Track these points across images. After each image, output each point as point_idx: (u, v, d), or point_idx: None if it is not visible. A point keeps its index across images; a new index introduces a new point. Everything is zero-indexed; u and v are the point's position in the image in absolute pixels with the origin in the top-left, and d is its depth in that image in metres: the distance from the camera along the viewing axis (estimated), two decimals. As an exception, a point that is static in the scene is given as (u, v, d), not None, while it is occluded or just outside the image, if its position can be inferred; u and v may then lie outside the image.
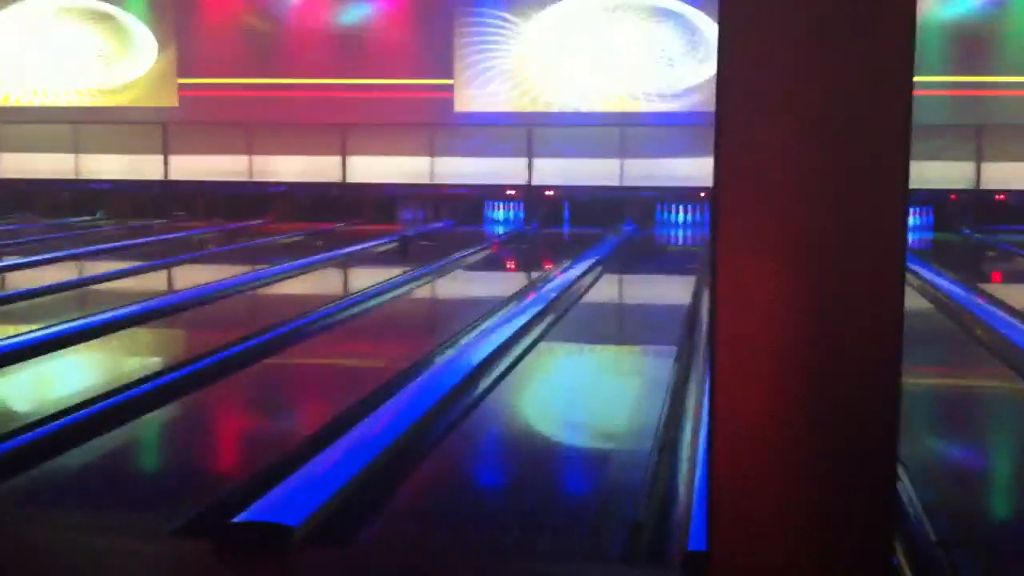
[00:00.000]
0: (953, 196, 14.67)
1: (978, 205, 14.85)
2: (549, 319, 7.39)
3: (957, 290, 8.58)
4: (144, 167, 16.59)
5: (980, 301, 8.04)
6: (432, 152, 15.95)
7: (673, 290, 9.68)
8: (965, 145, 14.64)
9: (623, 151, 15.54)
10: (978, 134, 14.74)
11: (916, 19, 1.86)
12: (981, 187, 14.90)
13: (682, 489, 3.86)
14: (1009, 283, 10.63)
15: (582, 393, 5.87)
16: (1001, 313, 7.44)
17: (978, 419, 5.45)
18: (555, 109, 15.83)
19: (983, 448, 4.96)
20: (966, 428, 5.18)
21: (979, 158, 14.88)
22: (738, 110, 1.80)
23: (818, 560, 1.81)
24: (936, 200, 14.35)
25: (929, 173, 13.61)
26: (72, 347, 6.36)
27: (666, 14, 15.61)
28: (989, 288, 9.34)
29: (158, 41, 16.71)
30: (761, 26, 1.80)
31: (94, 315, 7.21)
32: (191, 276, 10.31)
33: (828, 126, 1.78)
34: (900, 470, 3.71)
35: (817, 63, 1.79)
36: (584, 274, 9.68)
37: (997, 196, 14.89)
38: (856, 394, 1.84)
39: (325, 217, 15.39)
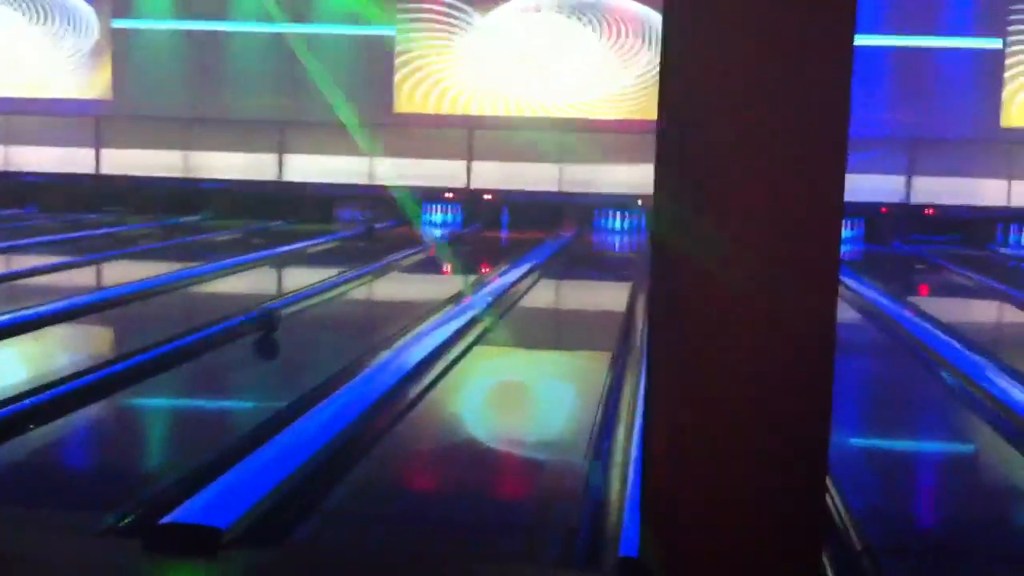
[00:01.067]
0: (884, 209, 14.94)
1: (908, 218, 15.14)
2: (485, 323, 7.39)
3: (886, 301, 8.74)
4: (76, 160, 16.30)
5: (907, 313, 8.20)
6: (371, 152, 15.87)
7: (609, 296, 9.73)
8: (897, 159, 14.93)
9: (562, 156, 15.60)
10: (910, 148, 15.04)
11: (854, 32, 1.89)
12: (911, 201, 15.20)
13: (615, 495, 3.88)
14: (936, 296, 10.85)
15: (517, 398, 5.87)
16: (928, 324, 7.59)
17: (904, 426, 5.55)
18: (496, 112, 15.85)
19: (909, 455, 5.06)
20: (892, 435, 5.28)
21: (910, 172, 15.18)
22: (679, 118, 1.82)
23: (751, 564, 1.83)
24: (867, 212, 14.60)
25: (861, 185, 13.85)
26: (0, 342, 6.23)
27: (612, 20, 15.70)
28: (917, 300, 9.53)
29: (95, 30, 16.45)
30: (704, 36, 1.82)
31: (22, 310, 7.06)
32: (124, 272, 10.14)
33: (767, 135, 1.81)
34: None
35: (758, 74, 1.81)
36: (521, 279, 9.69)
37: (926, 210, 15.20)
38: (789, 400, 1.86)
39: (262, 215, 15.24)
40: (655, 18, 15.54)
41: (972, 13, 15.16)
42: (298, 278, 10.28)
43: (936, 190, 15.14)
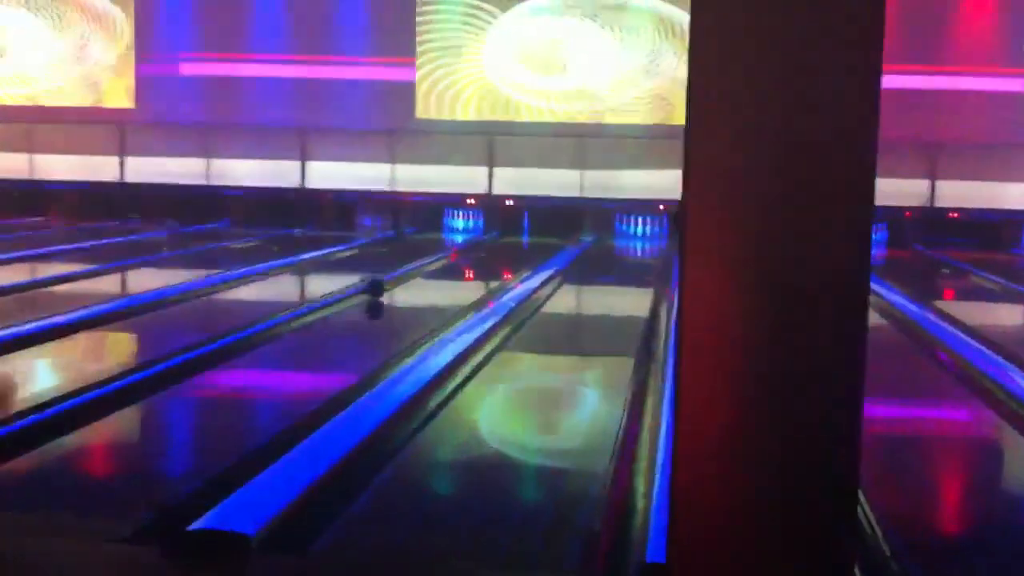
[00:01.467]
0: (907, 213, 14.87)
1: (931, 222, 15.06)
2: (507, 329, 7.39)
3: (910, 305, 8.68)
4: (100, 168, 16.40)
5: (932, 317, 8.15)
6: (393, 159, 15.91)
7: (631, 302, 9.71)
8: (920, 163, 14.86)
9: (583, 162, 15.59)
10: (933, 152, 14.96)
11: (884, 40, 1.88)
12: (935, 204, 15.12)
13: (640, 501, 3.87)
14: (960, 299, 10.77)
15: (540, 403, 5.87)
16: (952, 329, 7.54)
17: (932, 432, 5.51)
18: (517, 118, 15.86)
19: (936, 461, 5.02)
20: (920, 441, 5.24)
21: (933, 176, 15.09)
22: (708, 124, 1.81)
23: (781, 571, 1.82)
24: (890, 216, 14.54)
25: (884, 189, 13.75)
26: (22, 351, 6.26)
27: (636, 25, 15.70)
28: (940, 304, 9.47)
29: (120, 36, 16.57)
30: (732, 40, 1.81)
31: (46, 318, 7.10)
32: (145, 280, 10.19)
33: (798, 141, 1.80)
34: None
35: (788, 79, 1.81)
36: (543, 285, 9.69)
37: (950, 214, 15.11)
38: (820, 406, 1.85)
39: (282, 222, 15.29)
40: (679, 17, 15.52)
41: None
42: (317, 286, 10.30)
43: (960, 194, 15.05)
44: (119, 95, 16.65)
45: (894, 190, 14.16)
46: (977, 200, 14.98)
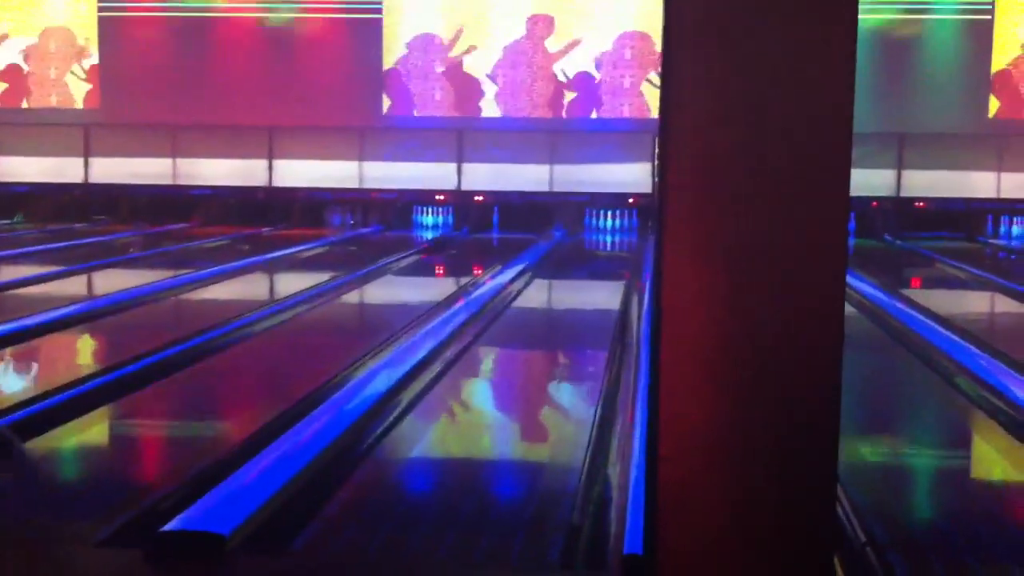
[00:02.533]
0: (875, 203, 14.97)
1: (899, 212, 15.18)
2: (479, 325, 7.37)
3: (879, 295, 8.75)
4: (65, 170, 16.23)
5: (900, 305, 8.21)
6: (361, 156, 15.84)
7: (603, 295, 9.72)
8: (887, 153, 14.96)
9: (553, 156, 15.59)
10: (900, 142, 15.06)
11: (858, 28, 1.88)
12: (901, 194, 15.23)
13: (616, 493, 3.87)
14: (928, 288, 10.86)
15: (514, 398, 5.86)
16: (921, 317, 7.60)
17: (904, 420, 5.55)
18: (485, 114, 15.85)
19: (909, 449, 5.06)
20: (893, 429, 5.28)
21: (900, 166, 15.20)
22: (684, 115, 1.81)
23: (763, 560, 1.82)
24: (858, 207, 14.63)
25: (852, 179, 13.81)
26: (-9, 353, 6.19)
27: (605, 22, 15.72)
28: (909, 292, 9.54)
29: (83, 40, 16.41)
30: (707, 32, 1.81)
31: (12, 320, 7.02)
32: (114, 281, 10.10)
33: (774, 131, 1.80)
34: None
35: (762, 69, 1.80)
36: (514, 279, 9.68)
37: (917, 203, 15.23)
38: (798, 395, 1.85)
39: (251, 221, 15.20)
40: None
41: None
42: (288, 284, 10.25)
43: (926, 183, 15.16)
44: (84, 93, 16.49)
45: (861, 180, 14.25)
46: (944, 189, 15.11)
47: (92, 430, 4.89)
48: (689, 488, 1.82)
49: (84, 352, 6.98)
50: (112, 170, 16.21)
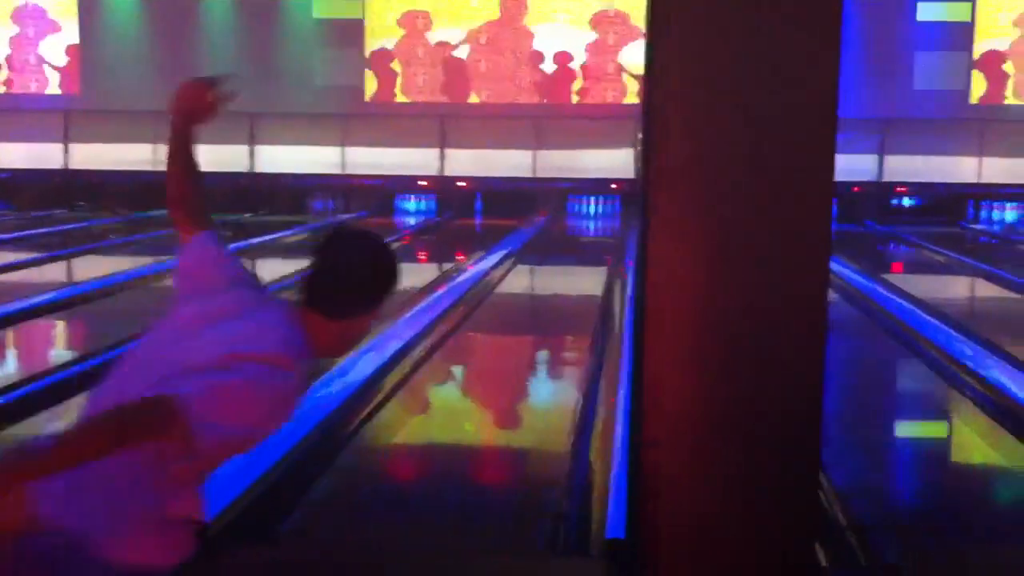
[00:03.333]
0: (856, 188, 15.00)
1: (880, 197, 15.22)
2: (462, 310, 7.37)
3: (860, 279, 8.78)
4: (46, 155, 16.12)
5: (882, 289, 8.24)
6: (343, 142, 15.78)
7: (586, 281, 9.72)
8: (869, 138, 14.99)
9: (537, 143, 15.56)
10: (882, 128, 15.10)
11: (842, 17, 1.88)
12: (884, 179, 15.26)
13: (598, 478, 3.87)
14: (908, 272, 10.91)
15: (498, 385, 5.86)
16: (902, 301, 7.64)
17: (886, 404, 5.58)
18: (469, 100, 15.81)
19: (890, 432, 5.08)
20: (875, 413, 5.30)
21: (882, 151, 15.24)
22: (670, 102, 1.81)
23: (746, 543, 1.83)
24: (840, 192, 14.64)
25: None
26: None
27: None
28: (890, 277, 9.58)
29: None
30: (693, 18, 1.80)
31: (-6, 307, 6.98)
32: (94, 267, 10.04)
33: (759, 118, 1.80)
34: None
35: (748, 56, 1.80)
36: (496, 265, 9.67)
37: (898, 188, 15.28)
38: (782, 379, 1.86)
39: (233, 207, 15.11)
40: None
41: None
42: (272, 269, 10.21)
43: (908, 168, 15.20)
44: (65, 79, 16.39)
45: (843, 166, 14.26)
46: (926, 174, 15.15)
47: (70, 418, 4.87)
48: (672, 472, 1.83)
49: (64, 339, 6.94)
50: (93, 156, 16.10)
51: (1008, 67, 15.33)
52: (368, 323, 2.15)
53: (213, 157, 13.89)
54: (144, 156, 16.01)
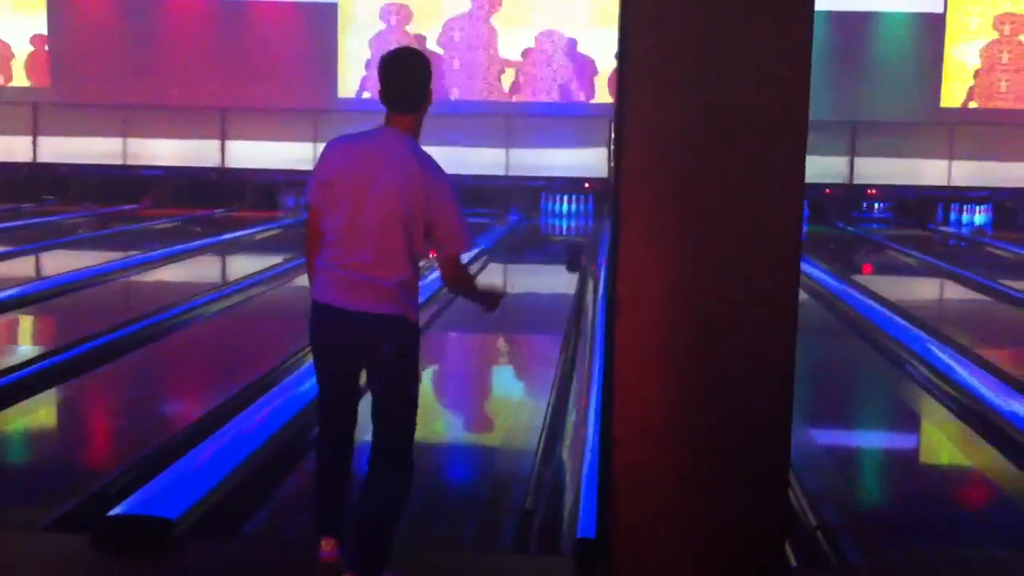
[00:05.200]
0: (828, 190, 15.08)
1: (851, 199, 15.32)
2: (433, 308, 7.34)
3: (831, 281, 8.82)
4: (13, 148, 15.94)
5: (852, 291, 8.28)
6: (315, 138, 15.69)
7: (558, 280, 9.72)
8: (840, 141, 15.07)
9: (509, 141, 15.55)
10: (852, 130, 15.17)
11: (813, 16, 1.88)
12: (854, 182, 15.35)
13: (569, 478, 3.87)
14: (880, 274, 10.97)
15: (469, 383, 5.84)
16: (872, 303, 7.68)
17: (855, 406, 5.60)
18: (442, 96, 15.77)
19: (861, 435, 5.10)
20: (844, 415, 5.33)
21: (852, 153, 15.32)
22: (640, 101, 1.80)
23: (716, 543, 1.82)
24: (811, 194, 14.71)
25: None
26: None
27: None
28: (860, 279, 9.63)
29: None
30: (663, 20, 1.79)
31: (-42, 301, 6.89)
32: (61, 262, 9.94)
33: (728, 117, 1.79)
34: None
35: (718, 56, 1.79)
36: (469, 263, 9.64)
37: (868, 191, 15.37)
38: (751, 380, 1.85)
39: (203, 202, 14.99)
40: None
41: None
42: (240, 266, 10.15)
43: (878, 171, 15.29)
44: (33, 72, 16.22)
45: (814, 168, 14.31)
46: (896, 177, 15.24)
47: (37, 413, 4.81)
48: (642, 471, 1.82)
49: (30, 334, 6.86)
50: (62, 149, 15.94)
51: (977, 71, 15.45)
52: (428, 105, 3.02)
53: (183, 152, 13.72)
54: (114, 150, 15.85)
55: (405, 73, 2.96)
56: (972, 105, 15.45)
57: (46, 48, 16.26)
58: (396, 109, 2.99)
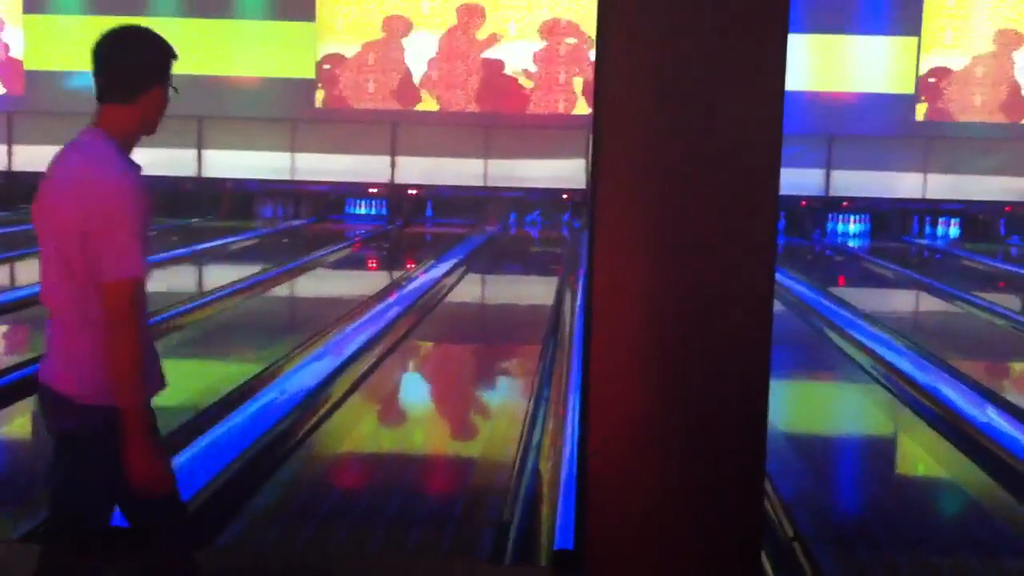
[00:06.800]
0: (804, 202, 15.16)
1: (826, 211, 15.42)
2: (412, 319, 7.34)
3: (807, 292, 8.87)
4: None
5: (827, 303, 8.34)
6: (292, 147, 15.66)
7: (536, 289, 9.74)
8: (816, 153, 15.16)
9: (488, 151, 15.56)
10: (828, 143, 15.27)
11: (788, 27, 1.89)
12: (830, 194, 15.44)
13: (547, 489, 3.87)
14: (853, 286, 11.04)
15: (447, 393, 5.84)
16: (847, 314, 7.73)
17: (831, 416, 5.63)
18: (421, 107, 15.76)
19: (835, 444, 5.13)
20: (820, 425, 5.35)
21: (828, 166, 15.41)
22: (616, 112, 1.81)
23: (691, 553, 1.83)
24: (787, 206, 14.79)
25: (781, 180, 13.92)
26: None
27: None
28: (836, 290, 9.69)
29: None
30: (639, 26, 1.81)
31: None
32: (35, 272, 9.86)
33: (705, 127, 1.80)
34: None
35: (696, 67, 1.81)
36: (447, 274, 9.65)
37: (843, 203, 15.48)
38: (727, 390, 1.86)
39: (180, 212, 14.93)
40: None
41: (888, 12, 15.46)
42: (217, 276, 10.11)
43: (854, 183, 15.39)
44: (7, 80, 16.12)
45: (790, 180, 14.41)
46: (871, 190, 15.34)
47: (13, 423, 4.77)
48: (618, 481, 1.82)
49: (3, 344, 6.81)
50: (37, 158, 15.83)
51: (953, 84, 15.58)
52: (161, 96, 2.37)
53: (160, 160, 13.66)
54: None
55: (119, 51, 2.34)
56: (953, 119, 15.58)
57: (15, 56, 16.18)
58: (102, 97, 2.36)
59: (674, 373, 1.84)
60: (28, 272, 9.79)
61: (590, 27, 15.05)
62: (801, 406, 5.61)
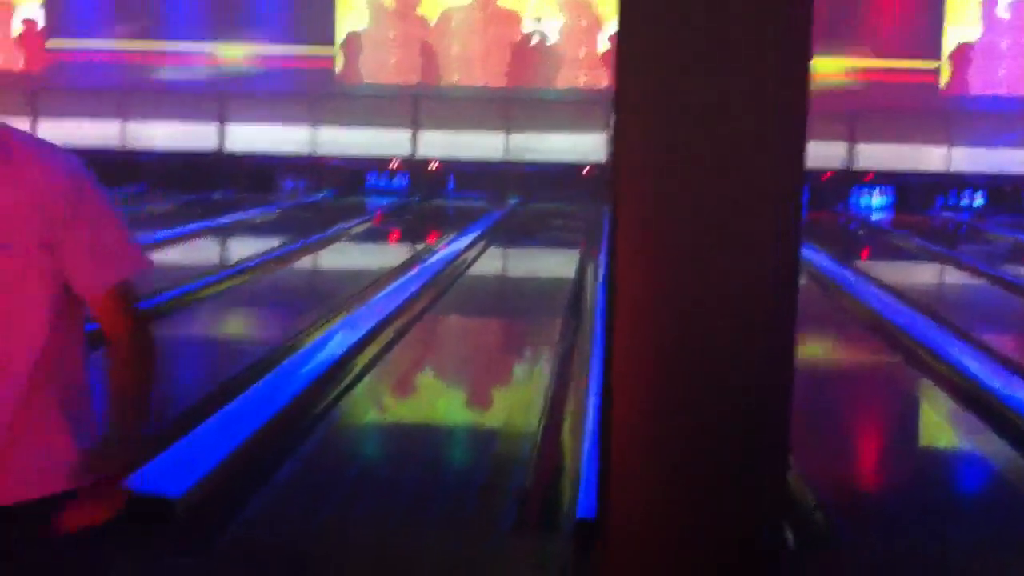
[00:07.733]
0: (825, 176, 15.05)
1: (850, 183, 15.31)
2: (433, 292, 7.35)
3: (830, 265, 8.82)
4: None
5: (851, 276, 8.29)
6: (313, 121, 15.64)
7: (557, 263, 9.72)
8: (839, 126, 15.02)
9: (509, 125, 15.50)
10: (851, 117, 15.14)
11: (812, 7, 1.87)
12: (853, 167, 15.33)
13: (569, 459, 3.88)
14: (877, 259, 10.97)
15: (469, 365, 5.85)
16: (872, 288, 7.69)
17: (854, 391, 5.61)
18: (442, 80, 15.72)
19: (858, 419, 5.12)
20: (843, 399, 5.34)
21: (852, 139, 15.29)
22: (637, 90, 1.80)
23: (712, 526, 1.83)
24: (810, 179, 14.67)
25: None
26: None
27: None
28: (859, 264, 9.64)
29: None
30: (662, 5, 1.79)
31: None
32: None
33: (729, 108, 1.79)
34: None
35: (718, 46, 1.79)
36: (469, 247, 9.65)
37: (866, 176, 15.37)
38: (751, 361, 1.86)
39: (200, 186, 14.95)
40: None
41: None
42: (239, 249, 10.14)
43: (878, 156, 15.26)
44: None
45: (813, 152, 14.26)
46: (895, 162, 15.22)
47: None
48: (639, 454, 1.82)
49: None
50: (58, 132, 15.89)
51: (977, 57, 15.42)
52: None
53: (182, 134, 13.66)
54: (110, 133, 15.80)
55: None
56: (977, 92, 15.43)
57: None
58: None
59: (697, 345, 1.83)
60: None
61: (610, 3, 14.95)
62: (822, 380, 5.59)
